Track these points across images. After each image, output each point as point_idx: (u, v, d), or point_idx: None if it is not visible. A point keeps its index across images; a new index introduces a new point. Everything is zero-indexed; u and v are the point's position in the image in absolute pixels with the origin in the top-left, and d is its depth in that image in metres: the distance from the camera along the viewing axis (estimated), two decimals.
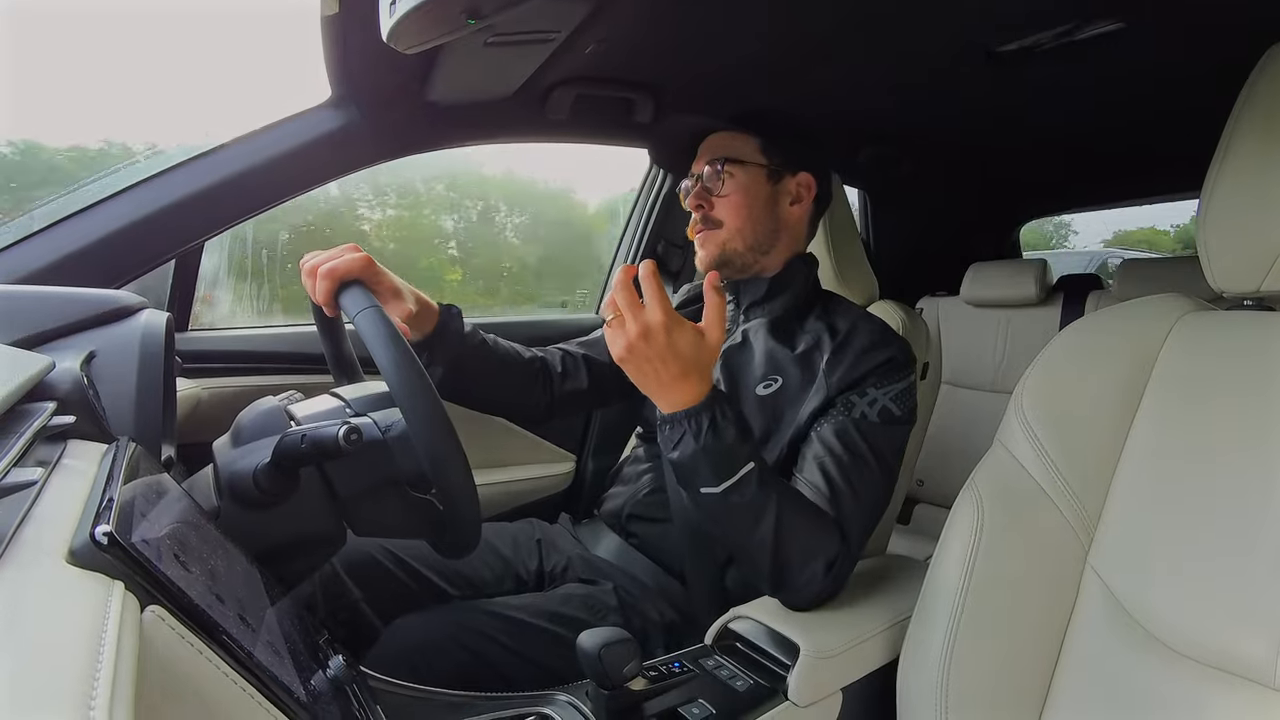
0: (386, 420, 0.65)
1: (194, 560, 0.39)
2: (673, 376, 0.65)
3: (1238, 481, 0.55)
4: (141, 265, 0.95)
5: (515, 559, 0.95)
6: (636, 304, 0.64)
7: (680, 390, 0.66)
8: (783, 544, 0.68)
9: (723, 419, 0.67)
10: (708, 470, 0.67)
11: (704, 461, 0.67)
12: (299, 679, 0.41)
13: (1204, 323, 0.62)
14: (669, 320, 0.63)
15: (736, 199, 0.88)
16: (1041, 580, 0.63)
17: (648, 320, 0.63)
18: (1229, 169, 0.59)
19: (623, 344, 0.64)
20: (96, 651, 0.25)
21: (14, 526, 0.33)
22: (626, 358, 0.65)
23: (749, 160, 0.88)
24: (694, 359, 0.65)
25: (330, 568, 0.83)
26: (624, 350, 0.65)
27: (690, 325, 0.65)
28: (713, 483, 0.67)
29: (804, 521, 0.70)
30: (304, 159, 1.01)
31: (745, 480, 0.67)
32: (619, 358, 0.66)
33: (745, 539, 0.69)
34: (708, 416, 0.66)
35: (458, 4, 0.66)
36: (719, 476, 0.67)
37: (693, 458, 0.67)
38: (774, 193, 0.89)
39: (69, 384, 0.55)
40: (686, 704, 0.61)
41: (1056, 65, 1.07)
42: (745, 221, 0.88)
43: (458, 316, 0.88)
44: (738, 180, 0.88)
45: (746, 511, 0.68)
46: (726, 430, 0.66)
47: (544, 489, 1.41)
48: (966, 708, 0.62)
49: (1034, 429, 0.65)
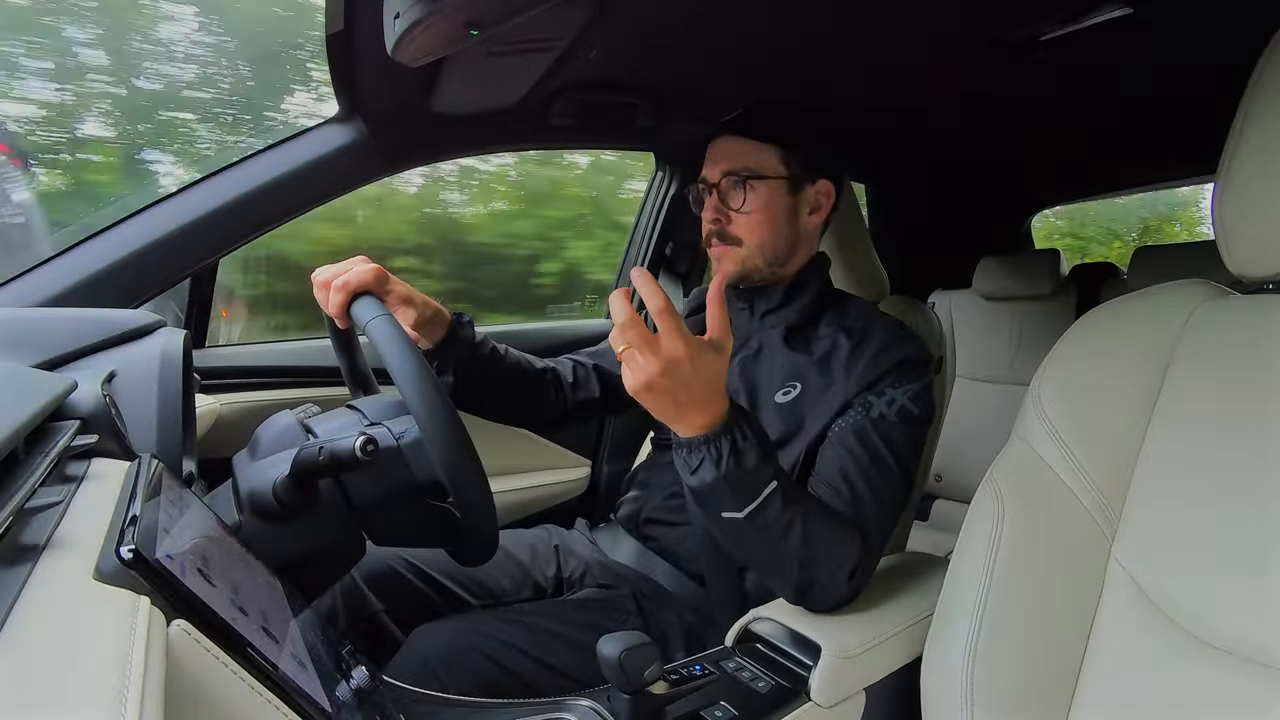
0: (401, 428, 0.65)
1: (217, 574, 0.40)
2: (695, 403, 0.61)
3: (1262, 468, 0.54)
4: (158, 285, 0.97)
5: (533, 566, 0.95)
6: (650, 339, 0.58)
7: (700, 414, 0.62)
8: (808, 558, 0.67)
9: (743, 441, 0.63)
10: (729, 496, 0.64)
11: (725, 488, 0.63)
12: (323, 690, 0.41)
13: (1223, 308, 0.61)
14: (690, 350, 0.59)
15: (759, 216, 0.85)
16: (1065, 573, 0.62)
17: (668, 354, 0.58)
18: (1244, 151, 0.58)
19: (642, 381, 0.59)
20: (125, 666, 0.26)
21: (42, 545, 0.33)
22: (645, 394, 0.60)
23: (770, 174, 0.85)
24: (715, 381, 0.61)
25: (350, 579, 0.84)
26: (642, 387, 0.60)
27: (707, 345, 0.61)
28: (735, 508, 0.64)
29: (828, 532, 0.68)
30: (313, 175, 1.03)
31: (768, 501, 0.64)
32: (636, 392, 0.60)
33: (769, 557, 0.67)
34: (728, 441, 0.62)
35: (460, 16, 0.67)
36: (742, 502, 0.64)
37: (713, 486, 0.63)
38: (795, 204, 0.87)
39: (91, 403, 0.56)
40: (709, 707, 0.60)
41: (1064, 52, 1.05)
42: (766, 238, 0.85)
43: (469, 324, 0.89)
44: (760, 195, 0.85)
45: (770, 531, 0.65)
46: (748, 454, 0.63)
47: (560, 495, 1.41)
48: (992, 705, 0.61)
49: (1052, 421, 0.64)
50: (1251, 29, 0.62)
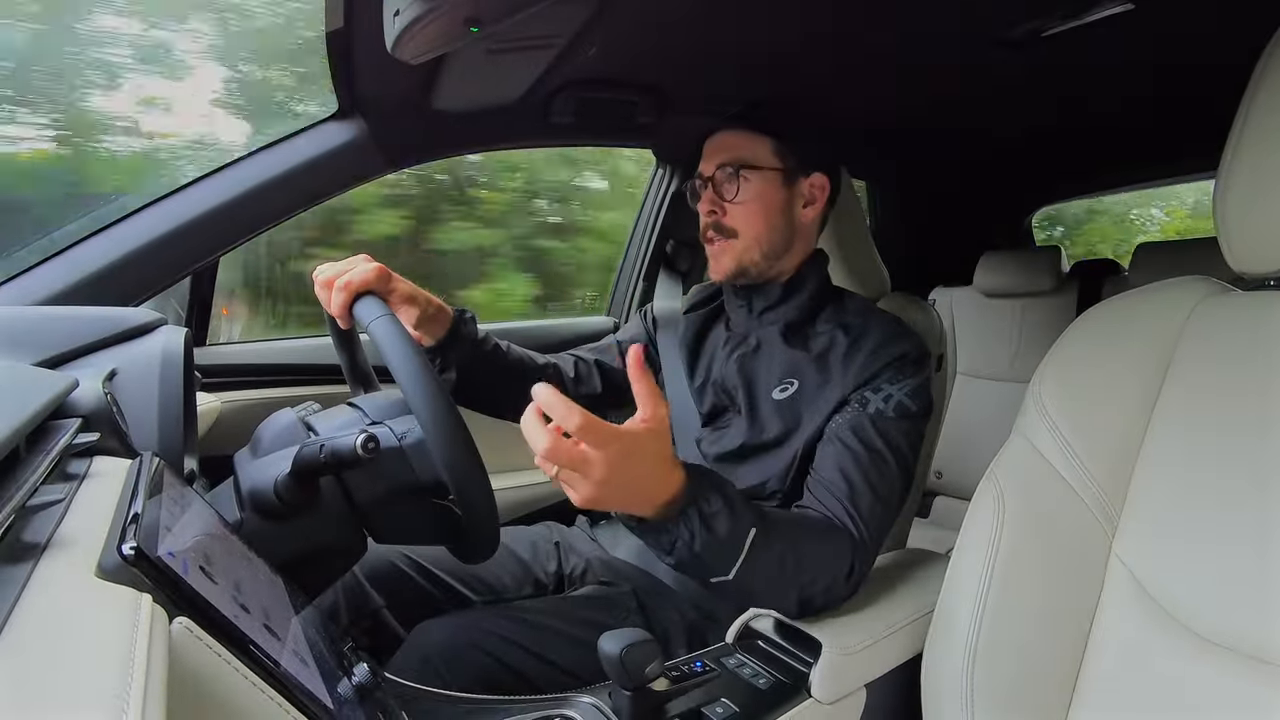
0: (403, 427, 0.65)
1: (219, 571, 0.40)
2: (649, 489, 0.59)
3: (1263, 465, 0.54)
4: (158, 283, 0.97)
5: (534, 562, 0.95)
6: (579, 455, 0.54)
7: (659, 493, 0.60)
8: (805, 580, 0.67)
9: (709, 508, 0.61)
10: (713, 563, 0.64)
11: (706, 558, 0.63)
12: (325, 687, 0.42)
13: (1225, 305, 0.61)
14: (623, 446, 0.55)
15: (753, 206, 0.86)
16: (1066, 569, 0.62)
17: (601, 462, 0.54)
18: (1245, 148, 0.58)
19: (588, 496, 0.56)
20: (127, 664, 0.26)
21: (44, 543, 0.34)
22: (597, 504, 0.57)
23: (764, 165, 0.86)
24: (661, 460, 0.59)
25: (352, 576, 0.84)
26: (590, 502, 0.56)
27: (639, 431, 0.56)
28: (723, 572, 0.64)
29: (817, 549, 0.69)
30: (314, 172, 1.03)
31: (753, 551, 0.64)
32: (586, 506, 0.57)
33: (763, 590, 0.68)
34: (695, 514, 0.61)
35: (460, 13, 0.67)
36: (727, 565, 0.64)
37: (693, 561, 0.63)
38: (789, 197, 0.88)
39: (92, 401, 0.56)
40: (709, 703, 0.61)
41: (1065, 48, 1.05)
42: (762, 230, 0.86)
43: (471, 321, 0.89)
44: (753, 186, 0.86)
45: (760, 572, 0.65)
46: (719, 520, 0.61)
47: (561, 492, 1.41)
48: (993, 700, 0.61)
49: (1053, 418, 0.64)
50: (1252, 26, 0.62)
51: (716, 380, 0.92)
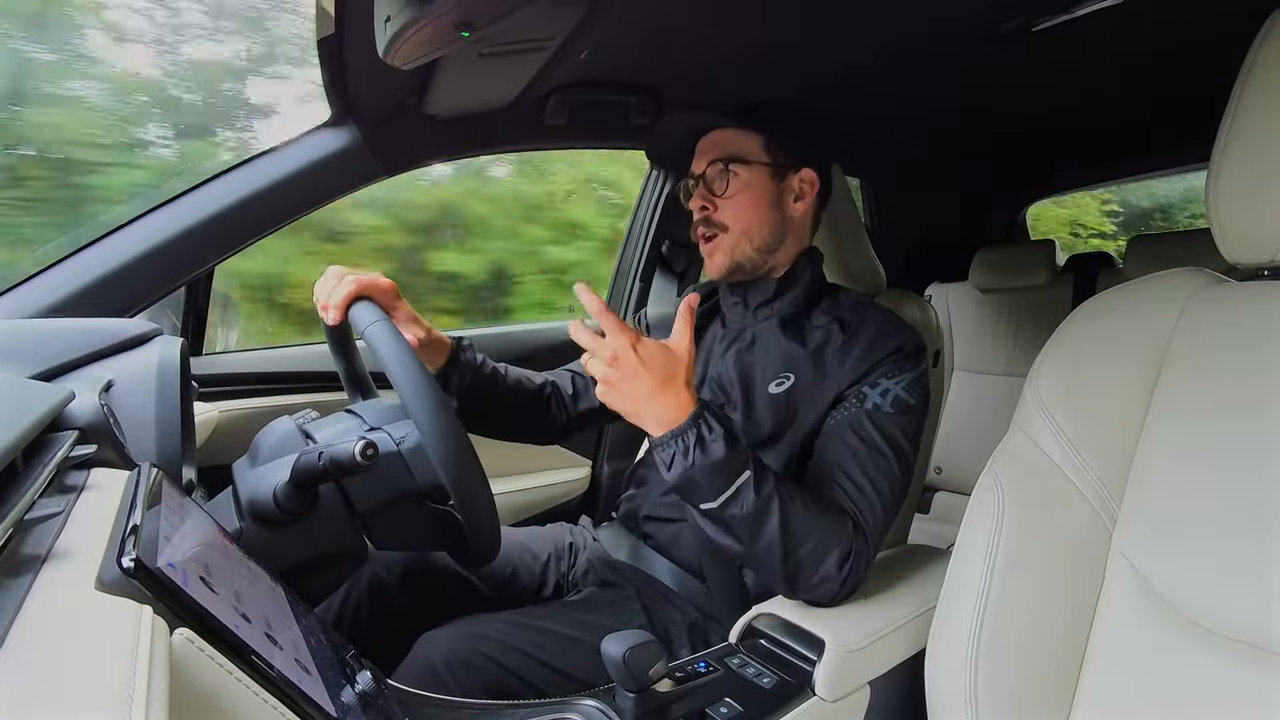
0: (401, 432, 0.65)
1: (220, 581, 0.40)
2: (650, 390, 0.66)
3: (1261, 455, 0.54)
4: (154, 293, 0.96)
5: (536, 564, 0.95)
6: (597, 338, 0.67)
7: (663, 406, 0.66)
8: (791, 547, 0.68)
9: (709, 433, 0.66)
10: (703, 487, 0.67)
11: (697, 479, 0.67)
12: (328, 695, 0.41)
13: (1219, 296, 0.61)
14: (629, 338, 0.66)
15: (742, 200, 0.87)
16: (1067, 563, 0.62)
17: (611, 346, 0.66)
18: (1237, 138, 0.58)
19: (600, 375, 0.67)
20: (129, 676, 0.26)
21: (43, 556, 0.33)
22: (606, 391, 0.67)
23: (753, 159, 0.87)
24: (664, 369, 0.66)
25: (354, 582, 0.84)
26: (602, 384, 0.67)
27: (654, 340, 0.67)
28: (710, 498, 0.67)
29: (811, 521, 0.69)
30: (308, 180, 1.02)
31: (741, 491, 0.67)
32: (601, 395, 0.68)
33: (751, 546, 0.69)
34: (694, 434, 0.66)
35: (451, 17, 0.67)
36: (715, 491, 0.67)
37: (686, 477, 0.67)
38: (779, 191, 0.89)
39: (89, 413, 0.56)
40: (714, 704, 0.60)
41: (1057, 42, 1.06)
42: (752, 223, 0.87)
43: (469, 348, 0.90)
44: (742, 180, 0.87)
45: (748, 521, 0.67)
46: (714, 445, 0.66)
47: (561, 495, 1.42)
48: (997, 695, 0.61)
49: (1051, 412, 0.64)
50: (1243, 16, 0.62)
51: (713, 377, 0.92)
